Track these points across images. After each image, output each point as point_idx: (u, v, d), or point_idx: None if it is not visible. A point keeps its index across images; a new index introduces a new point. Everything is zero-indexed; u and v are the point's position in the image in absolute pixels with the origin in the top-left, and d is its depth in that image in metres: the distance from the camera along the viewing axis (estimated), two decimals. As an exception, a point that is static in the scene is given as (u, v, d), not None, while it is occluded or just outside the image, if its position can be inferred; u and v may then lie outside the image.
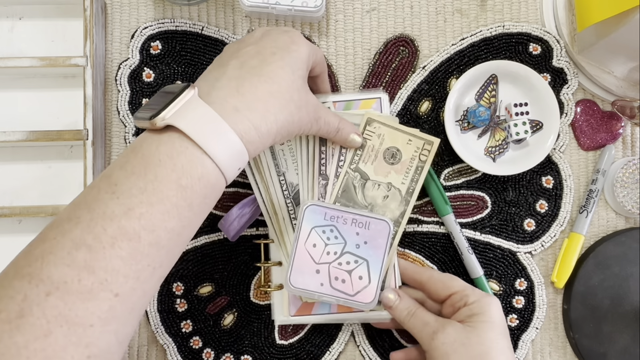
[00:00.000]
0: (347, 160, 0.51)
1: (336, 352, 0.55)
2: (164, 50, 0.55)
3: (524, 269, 0.56)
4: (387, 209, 0.51)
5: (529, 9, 0.57)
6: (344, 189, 0.51)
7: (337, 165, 0.51)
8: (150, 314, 0.54)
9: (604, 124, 0.57)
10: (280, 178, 0.51)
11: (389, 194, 0.51)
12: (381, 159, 0.51)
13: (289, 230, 0.51)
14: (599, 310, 0.55)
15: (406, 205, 0.51)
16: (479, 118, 0.54)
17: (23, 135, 0.52)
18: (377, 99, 0.53)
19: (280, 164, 0.51)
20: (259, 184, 0.51)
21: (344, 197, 0.51)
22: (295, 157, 0.51)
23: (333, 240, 0.49)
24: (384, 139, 0.51)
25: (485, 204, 0.56)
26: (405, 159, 0.51)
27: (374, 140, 0.51)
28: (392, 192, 0.51)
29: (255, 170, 0.51)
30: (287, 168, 0.51)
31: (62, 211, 0.38)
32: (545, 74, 0.56)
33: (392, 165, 0.51)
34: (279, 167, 0.51)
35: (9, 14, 0.56)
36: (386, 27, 0.57)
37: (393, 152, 0.51)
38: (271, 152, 0.51)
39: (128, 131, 0.55)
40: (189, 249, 0.55)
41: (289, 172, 0.51)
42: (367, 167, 0.51)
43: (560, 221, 0.56)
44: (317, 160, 0.51)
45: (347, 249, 0.49)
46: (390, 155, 0.51)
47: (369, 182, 0.51)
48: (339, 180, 0.51)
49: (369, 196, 0.51)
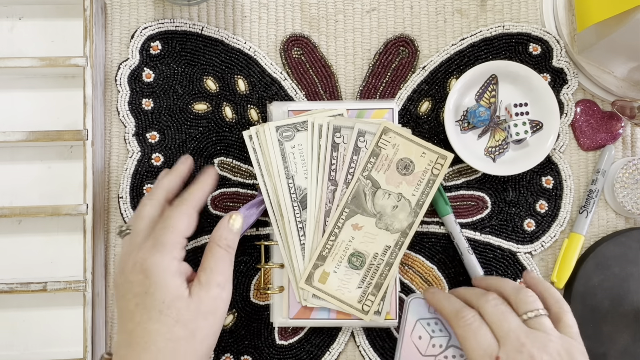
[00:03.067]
0: (360, 166, 0.51)
1: (336, 352, 0.55)
2: (163, 50, 0.55)
3: (524, 269, 0.56)
4: (395, 219, 0.51)
5: (529, 9, 0.57)
6: (354, 195, 0.51)
7: (347, 172, 0.52)
8: (150, 314, 0.54)
9: (604, 124, 0.57)
10: (289, 181, 0.51)
11: (398, 204, 0.51)
12: (394, 169, 0.51)
13: (294, 233, 0.51)
14: (599, 310, 0.55)
15: (415, 217, 0.51)
16: (479, 118, 0.54)
17: (23, 135, 0.52)
18: (390, 110, 0.53)
19: (290, 167, 0.51)
20: (268, 185, 0.51)
21: (353, 203, 0.51)
22: (305, 161, 0.52)
23: (438, 333, 0.49)
24: (398, 149, 0.51)
25: (485, 204, 0.56)
26: (417, 171, 0.51)
27: (389, 150, 0.51)
28: (401, 203, 0.51)
29: (265, 172, 0.51)
30: (297, 171, 0.51)
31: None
32: (545, 74, 0.56)
33: (404, 176, 0.51)
34: (288, 170, 0.51)
35: (9, 14, 0.56)
36: (386, 27, 0.57)
37: (406, 163, 0.51)
38: (281, 155, 0.51)
39: (128, 131, 0.55)
40: (189, 249, 0.55)
41: (297, 176, 0.51)
42: (379, 176, 0.51)
43: (560, 221, 0.56)
44: (327, 166, 0.52)
45: (452, 342, 0.49)
46: (403, 166, 0.51)
47: (379, 191, 0.51)
48: (350, 186, 0.51)
49: (378, 205, 0.51)
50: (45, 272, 0.54)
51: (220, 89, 0.55)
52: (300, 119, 0.52)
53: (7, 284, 0.51)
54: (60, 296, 0.54)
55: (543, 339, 0.43)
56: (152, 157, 0.55)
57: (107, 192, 0.55)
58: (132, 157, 0.55)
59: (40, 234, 0.55)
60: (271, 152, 0.51)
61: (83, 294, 0.51)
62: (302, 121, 0.52)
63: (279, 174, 0.51)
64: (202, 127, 0.55)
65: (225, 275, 0.44)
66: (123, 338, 0.42)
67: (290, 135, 0.52)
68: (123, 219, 0.55)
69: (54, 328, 0.54)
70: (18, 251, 0.55)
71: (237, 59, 0.56)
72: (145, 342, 0.41)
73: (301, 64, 0.56)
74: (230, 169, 0.55)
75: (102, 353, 0.47)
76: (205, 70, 0.55)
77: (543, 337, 0.43)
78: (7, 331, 0.54)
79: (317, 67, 0.56)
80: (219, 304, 0.44)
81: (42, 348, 0.54)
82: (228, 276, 0.45)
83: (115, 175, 0.55)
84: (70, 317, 0.54)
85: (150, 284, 0.42)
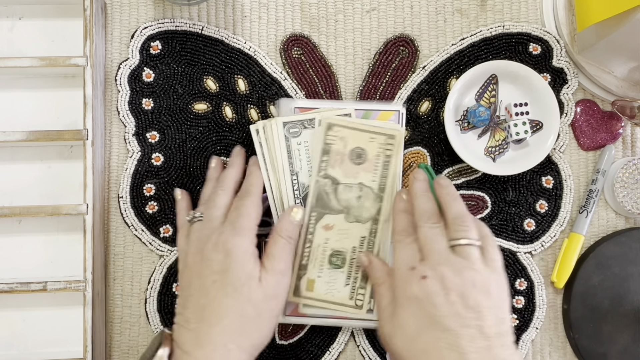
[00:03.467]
0: (314, 169, 0.51)
1: (336, 352, 0.55)
2: (164, 50, 0.55)
3: (524, 269, 0.56)
4: (363, 209, 0.51)
5: (529, 9, 0.57)
6: (317, 198, 0.51)
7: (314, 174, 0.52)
8: (150, 314, 0.54)
9: (604, 124, 0.57)
10: (292, 177, 0.51)
11: (361, 194, 0.51)
12: (348, 161, 0.51)
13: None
14: (599, 310, 0.55)
15: (380, 202, 0.51)
16: (479, 118, 0.54)
17: (23, 135, 0.52)
18: (396, 112, 0.53)
19: (295, 164, 0.51)
20: (272, 180, 0.51)
21: (318, 205, 0.51)
22: (310, 158, 0.52)
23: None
24: (347, 141, 0.51)
25: (485, 204, 0.56)
26: (371, 157, 0.51)
27: (338, 144, 0.51)
28: (364, 192, 0.51)
29: (269, 167, 0.51)
30: (301, 168, 0.51)
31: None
32: (545, 74, 0.56)
33: (359, 165, 0.51)
34: (292, 167, 0.51)
35: (9, 14, 0.56)
36: (386, 27, 0.57)
37: (358, 152, 0.51)
38: (287, 151, 0.51)
39: (128, 131, 0.55)
40: (189, 249, 0.55)
41: (302, 173, 0.51)
42: (336, 172, 0.51)
43: (560, 221, 0.56)
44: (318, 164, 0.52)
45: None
46: (356, 155, 0.51)
47: (340, 186, 0.51)
48: (310, 190, 0.51)
49: (343, 199, 0.51)
50: (45, 272, 0.54)
51: (220, 88, 0.55)
52: (308, 116, 0.52)
53: (7, 284, 0.51)
54: (60, 296, 0.54)
55: (461, 265, 0.44)
56: (152, 156, 0.55)
57: (107, 192, 0.55)
58: (132, 157, 0.55)
59: (40, 234, 0.55)
60: (277, 147, 0.51)
61: (83, 294, 0.51)
62: (310, 118, 0.52)
63: (283, 170, 0.51)
64: (202, 127, 0.55)
65: (286, 263, 0.48)
66: (194, 314, 0.45)
67: (297, 131, 0.52)
68: (123, 219, 0.55)
69: (54, 328, 0.54)
70: (18, 251, 0.55)
71: (237, 58, 0.56)
72: (217, 317, 0.44)
73: (301, 63, 0.56)
74: (230, 168, 0.55)
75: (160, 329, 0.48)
76: (205, 70, 0.55)
77: (462, 263, 0.45)
78: (7, 331, 0.54)
79: (317, 67, 0.56)
80: (279, 289, 0.47)
81: (42, 348, 0.54)
82: (289, 264, 0.48)
83: (115, 175, 0.55)
84: (70, 317, 0.54)
85: (230, 263, 0.45)
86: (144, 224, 0.55)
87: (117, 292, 0.55)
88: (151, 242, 0.55)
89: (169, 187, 0.55)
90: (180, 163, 0.55)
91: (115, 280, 0.55)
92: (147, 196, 0.55)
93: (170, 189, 0.55)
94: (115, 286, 0.55)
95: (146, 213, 0.55)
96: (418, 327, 0.44)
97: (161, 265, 0.55)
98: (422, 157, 0.56)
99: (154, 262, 0.55)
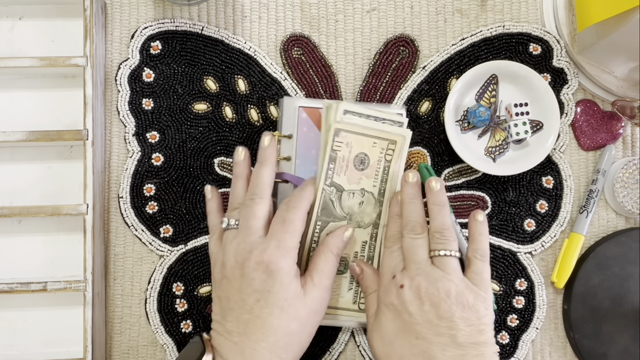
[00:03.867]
0: (321, 178, 0.51)
1: (336, 352, 0.55)
2: (164, 50, 0.55)
3: (524, 269, 0.56)
4: (364, 215, 0.51)
5: (529, 9, 0.57)
6: (323, 207, 0.51)
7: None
8: (150, 314, 0.54)
9: (604, 124, 0.57)
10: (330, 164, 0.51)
11: (363, 199, 0.51)
12: (352, 167, 0.51)
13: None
14: (599, 310, 0.55)
15: (380, 207, 0.52)
16: (479, 118, 0.54)
17: (23, 135, 0.52)
18: (399, 116, 0.53)
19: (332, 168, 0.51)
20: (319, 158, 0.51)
21: (323, 214, 0.51)
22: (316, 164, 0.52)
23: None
24: (352, 146, 0.51)
25: (485, 204, 0.56)
26: (372, 163, 0.51)
27: (344, 151, 0.51)
28: (366, 197, 0.51)
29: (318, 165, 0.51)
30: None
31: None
32: (545, 74, 0.56)
33: (362, 171, 0.51)
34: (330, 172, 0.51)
35: (9, 14, 0.56)
36: (386, 27, 0.57)
37: (362, 158, 0.51)
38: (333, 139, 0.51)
39: (128, 131, 0.55)
40: (189, 249, 0.55)
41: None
42: (340, 179, 0.51)
43: (560, 221, 0.56)
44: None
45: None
46: (359, 161, 0.51)
47: (344, 193, 0.51)
48: (317, 199, 0.51)
49: (346, 207, 0.51)
50: (45, 272, 0.54)
51: (220, 88, 0.55)
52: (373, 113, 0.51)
53: (7, 284, 0.51)
54: (60, 296, 0.54)
55: (437, 275, 0.46)
56: (152, 157, 0.55)
57: (107, 192, 0.55)
58: (132, 157, 0.55)
59: (40, 234, 0.55)
60: (324, 132, 0.51)
61: (83, 294, 0.51)
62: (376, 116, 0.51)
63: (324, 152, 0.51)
64: (202, 127, 0.55)
65: (331, 280, 0.48)
66: (236, 327, 0.45)
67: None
68: (123, 219, 0.55)
69: (54, 328, 0.54)
70: (18, 251, 0.55)
71: (237, 58, 0.56)
72: (263, 334, 0.44)
73: (301, 63, 0.56)
74: (231, 169, 0.55)
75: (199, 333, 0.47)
76: (206, 70, 0.55)
77: (438, 274, 0.46)
78: (7, 331, 0.54)
79: (317, 67, 0.56)
80: (324, 304, 0.48)
81: (42, 348, 0.54)
82: (332, 281, 0.49)
83: (115, 175, 0.55)
84: (70, 317, 0.54)
85: (273, 284, 0.45)
86: (144, 224, 0.55)
87: (117, 292, 0.55)
88: (151, 242, 0.55)
89: (169, 187, 0.55)
90: (181, 163, 0.55)
91: (115, 280, 0.55)
92: (147, 196, 0.55)
93: (170, 189, 0.55)
94: (115, 286, 0.55)
95: (146, 213, 0.55)
96: (395, 333, 0.46)
97: (161, 266, 0.55)
98: (422, 157, 0.56)
99: (154, 262, 0.55)
